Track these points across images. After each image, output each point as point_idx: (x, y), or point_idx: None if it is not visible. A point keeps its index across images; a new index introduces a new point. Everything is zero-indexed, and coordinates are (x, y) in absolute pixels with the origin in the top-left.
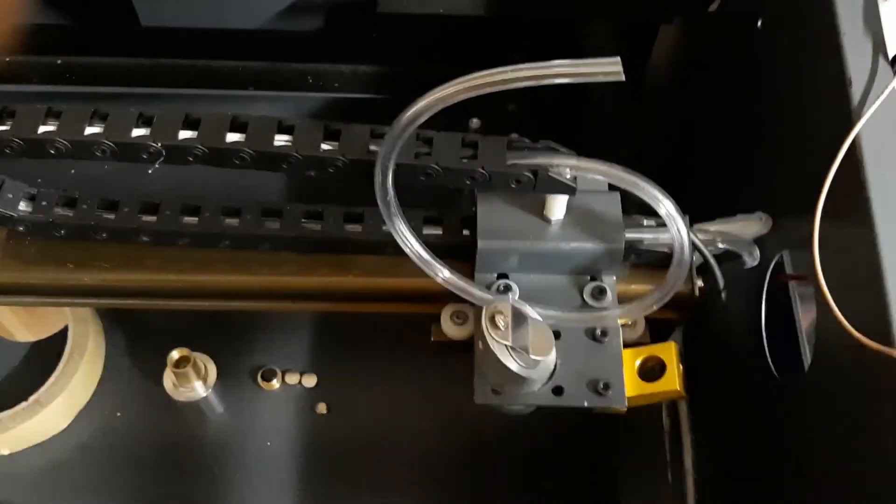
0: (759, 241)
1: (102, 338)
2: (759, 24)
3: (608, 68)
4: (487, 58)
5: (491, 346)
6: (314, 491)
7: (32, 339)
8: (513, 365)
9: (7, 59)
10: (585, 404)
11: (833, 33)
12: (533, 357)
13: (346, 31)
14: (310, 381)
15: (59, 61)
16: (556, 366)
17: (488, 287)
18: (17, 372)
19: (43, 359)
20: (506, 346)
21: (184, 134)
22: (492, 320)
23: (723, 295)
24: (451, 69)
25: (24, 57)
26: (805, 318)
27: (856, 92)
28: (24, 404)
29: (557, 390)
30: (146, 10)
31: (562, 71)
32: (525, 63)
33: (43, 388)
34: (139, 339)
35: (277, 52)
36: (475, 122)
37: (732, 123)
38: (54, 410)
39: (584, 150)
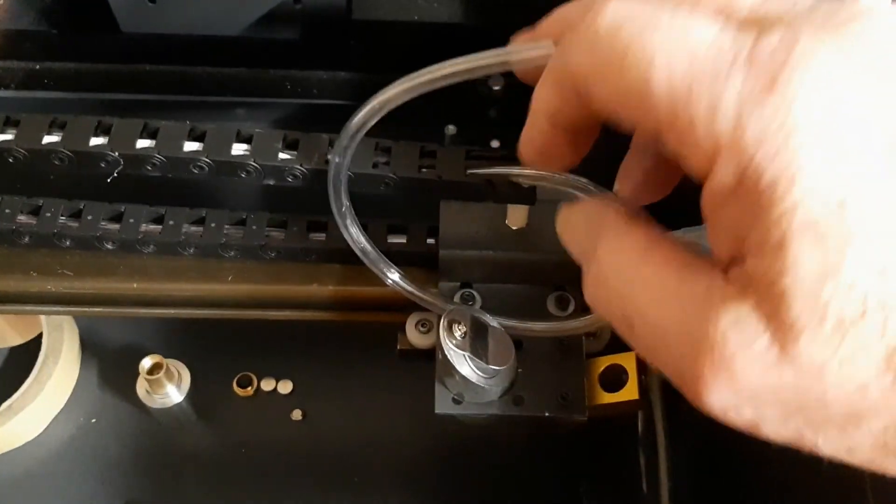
0: None
1: (78, 344)
2: None
3: (539, 51)
4: None
5: (448, 356)
6: (290, 497)
7: (21, 341)
8: (471, 375)
9: None
10: (546, 414)
11: None
12: (492, 366)
13: (323, 38)
14: (285, 387)
15: (37, 66)
16: (517, 375)
17: (451, 296)
18: None
19: (16, 365)
20: (464, 355)
21: (142, 143)
22: (449, 329)
23: None
24: None
25: (2, 62)
26: None
27: None
28: None
29: (518, 400)
30: (126, 16)
31: (494, 60)
32: (462, 57)
33: (16, 395)
34: (114, 344)
35: (256, 58)
36: (451, 129)
37: None
38: (27, 417)
39: None
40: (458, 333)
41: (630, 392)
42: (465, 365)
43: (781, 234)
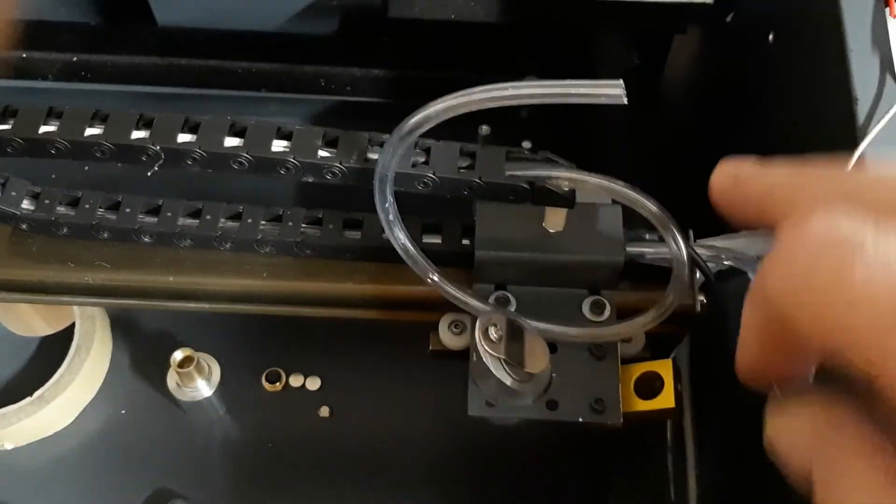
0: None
1: (109, 335)
2: (770, 38)
3: (610, 90)
4: (500, 63)
5: (484, 359)
6: (315, 494)
7: (51, 331)
8: (506, 378)
9: (23, 56)
10: (580, 420)
11: (840, 50)
12: (527, 370)
13: (358, 34)
14: (314, 383)
15: (74, 58)
16: (551, 379)
17: (486, 298)
18: (23, 367)
19: (49, 355)
20: (499, 358)
21: (183, 137)
22: (485, 332)
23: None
24: (464, 74)
25: (40, 53)
26: None
27: (862, 110)
28: (28, 399)
29: (552, 404)
30: (162, 9)
31: (563, 91)
32: (527, 81)
33: (48, 384)
34: (145, 336)
35: (290, 54)
36: (485, 129)
37: (741, 138)
38: (59, 406)
39: (594, 159)
40: (493, 337)
41: (666, 400)
42: (500, 368)
43: None
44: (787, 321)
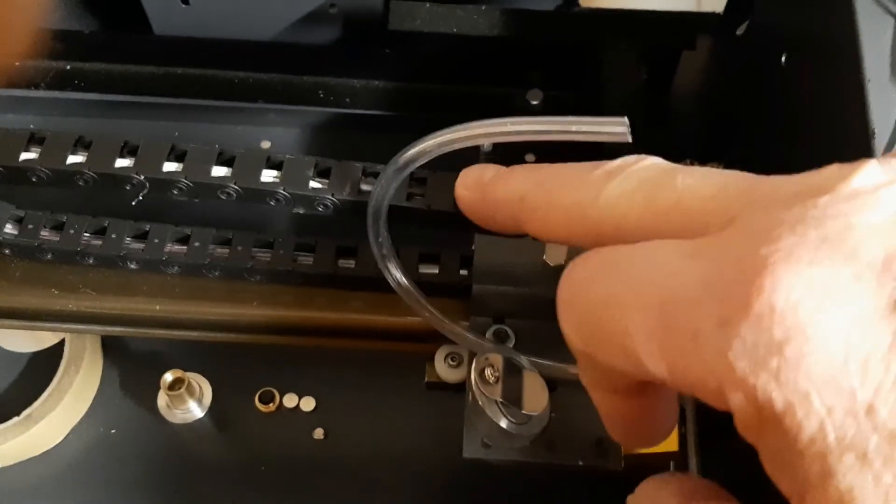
0: None
1: (99, 352)
2: (784, 59)
3: (614, 128)
4: (503, 76)
5: (480, 401)
6: None
7: (39, 348)
8: (502, 420)
9: (16, 64)
10: (580, 462)
11: (858, 80)
12: (525, 412)
13: (358, 45)
14: (308, 404)
15: (68, 66)
16: (550, 420)
17: (484, 331)
18: (11, 385)
19: (37, 372)
20: (496, 401)
21: (168, 166)
22: (481, 374)
23: None
24: (467, 86)
25: (33, 61)
26: None
27: (879, 145)
28: (15, 419)
29: (550, 446)
30: (159, 18)
31: (563, 129)
32: (527, 117)
33: (36, 403)
34: (136, 354)
35: (289, 64)
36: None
37: (751, 161)
38: (48, 425)
39: None
40: (490, 378)
41: (669, 443)
42: (496, 411)
43: (820, 466)
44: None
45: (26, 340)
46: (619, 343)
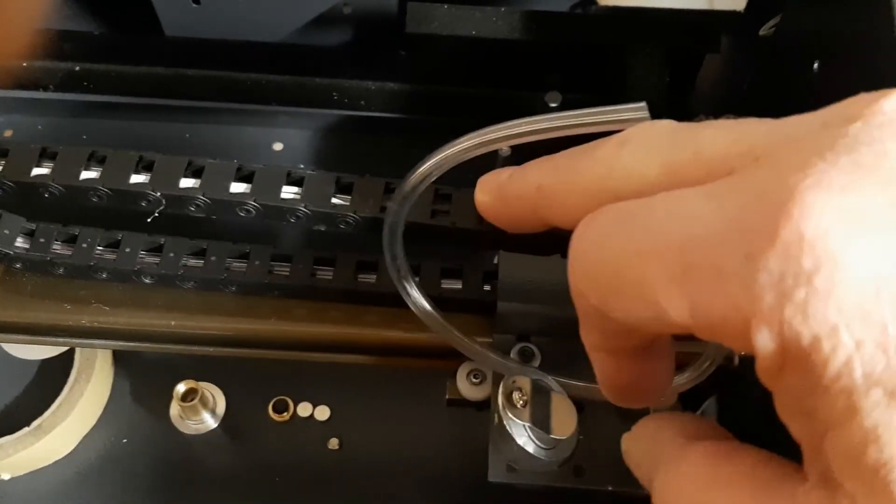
0: None
1: (110, 360)
2: (816, 66)
3: (633, 115)
4: (522, 78)
5: (506, 424)
6: None
7: (50, 354)
8: (530, 446)
9: (24, 65)
10: (609, 488)
11: None
12: (553, 436)
13: (373, 47)
14: (323, 414)
15: (77, 68)
16: (577, 443)
17: (508, 350)
18: (22, 393)
19: (48, 380)
20: (523, 425)
21: (185, 182)
22: (508, 397)
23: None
24: (485, 89)
25: (42, 62)
26: None
27: None
28: (26, 430)
29: (579, 471)
30: (170, 19)
31: (580, 122)
32: (542, 115)
33: (47, 413)
34: (148, 362)
35: (302, 66)
36: (505, 151)
37: None
38: (58, 435)
39: None
40: (518, 402)
41: None
42: (523, 435)
43: (845, 404)
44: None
45: (36, 347)
46: (637, 292)
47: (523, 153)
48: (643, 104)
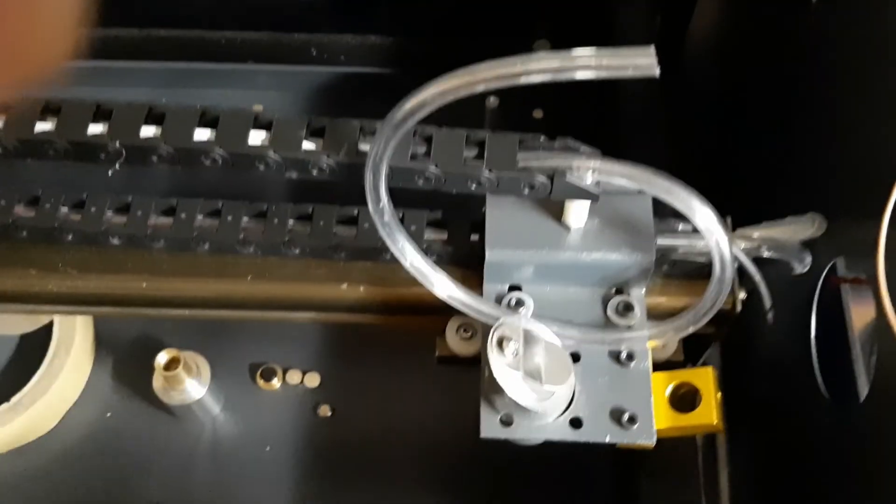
0: (808, 246)
1: (91, 332)
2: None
3: (639, 60)
4: (508, 27)
5: (497, 376)
6: (315, 498)
7: (29, 328)
8: (523, 397)
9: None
10: (607, 439)
11: None
12: (547, 387)
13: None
14: (313, 381)
15: None
16: (573, 394)
17: (498, 301)
18: (0, 372)
19: (27, 355)
20: (515, 375)
21: (146, 131)
22: (499, 346)
23: (769, 315)
24: (470, 40)
25: None
26: (861, 327)
27: None
28: (6, 405)
29: (575, 422)
30: None
31: (581, 64)
32: (538, 53)
33: (25, 389)
34: (129, 333)
35: (279, 21)
36: (492, 102)
37: (780, 113)
38: (38, 412)
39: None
40: (509, 351)
41: (706, 414)
42: (516, 386)
43: None
44: None
45: (14, 323)
46: None
47: (513, 103)
48: (651, 48)
